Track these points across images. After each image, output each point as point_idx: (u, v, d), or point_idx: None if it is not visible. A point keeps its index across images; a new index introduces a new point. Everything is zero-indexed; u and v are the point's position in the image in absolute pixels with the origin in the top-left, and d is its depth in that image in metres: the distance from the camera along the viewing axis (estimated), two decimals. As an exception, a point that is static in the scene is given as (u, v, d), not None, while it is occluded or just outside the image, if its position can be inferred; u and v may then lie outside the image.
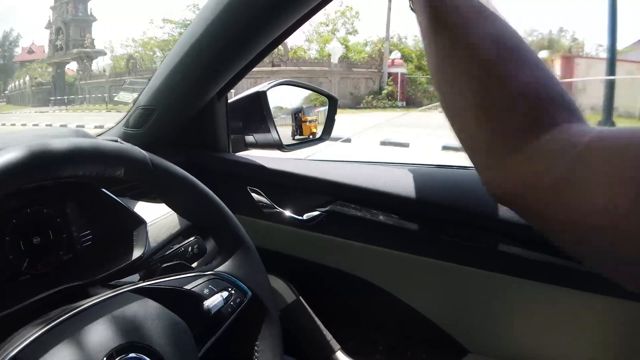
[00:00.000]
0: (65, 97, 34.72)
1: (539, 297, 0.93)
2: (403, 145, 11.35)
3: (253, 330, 0.79)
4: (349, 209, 1.09)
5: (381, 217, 1.06)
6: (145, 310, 0.65)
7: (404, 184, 1.03)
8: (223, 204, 0.82)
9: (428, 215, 1.02)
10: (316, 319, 1.16)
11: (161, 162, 0.74)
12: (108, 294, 0.66)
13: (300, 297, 1.18)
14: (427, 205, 1.00)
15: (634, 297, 0.83)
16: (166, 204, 0.78)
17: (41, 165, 0.60)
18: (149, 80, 1.17)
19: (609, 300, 0.86)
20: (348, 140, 10.90)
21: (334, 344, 1.13)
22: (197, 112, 1.17)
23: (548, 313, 0.95)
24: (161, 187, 0.75)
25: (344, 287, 1.16)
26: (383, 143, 11.54)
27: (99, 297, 0.65)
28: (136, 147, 0.72)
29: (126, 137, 1.20)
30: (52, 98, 35.01)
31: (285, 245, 1.20)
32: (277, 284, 1.18)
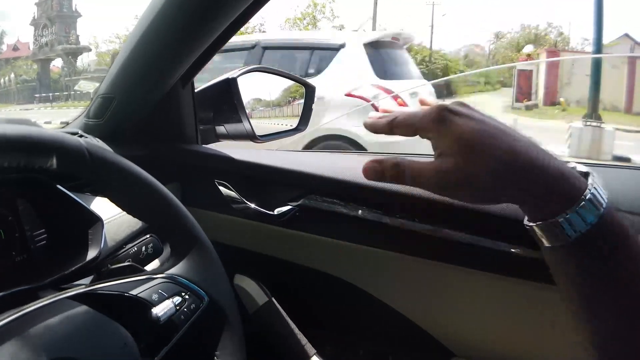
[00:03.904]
0: (50, 94, 34.60)
1: (528, 297, 0.88)
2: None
3: (211, 340, 0.72)
4: (323, 202, 1.02)
5: (359, 212, 0.99)
6: (80, 319, 0.58)
7: None
8: (175, 198, 0.74)
9: (408, 209, 0.95)
10: (290, 321, 1.09)
11: (100, 151, 0.66)
12: (42, 301, 0.59)
13: (273, 299, 1.11)
14: (407, 197, 0.92)
15: None
16: (108, 199, 0.70)
17: None
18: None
19: None
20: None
21: (310, 348, 1.07)
22: (159, 100, 1.10)
23: (537, 313, 0.89)
24: (100, 179, 0.67)
25: (320, 287, 1.10)
26: (369, 137, 11.57)
27: (30, 306, 0.57)
28: (71, 136, 0.64)
29: (87, 129, 1.14)
30: (37, 95, 34.88)
31: (256, 243, 1.14)
32: (248, 284, 1.12)
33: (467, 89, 29.34)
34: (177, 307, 0.66)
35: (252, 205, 1.07)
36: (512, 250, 0.86)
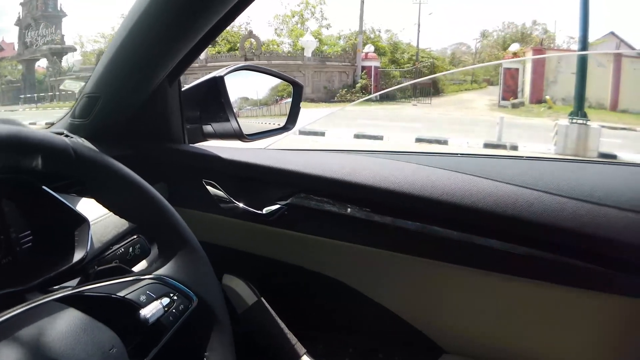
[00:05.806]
0: (35, 94, 34.08)
1: (517, 293, 0.88)
2: (377, 137, 11.40)
3: (201, 341, 0.70)
4: (312, 201, 1.01)
5: (347, 210, 0.99)
6: (68, 322, 0.57)
7: (370, 173, 0.96)
8: (162, 199, 0.72)
9: (397, 207, 0.94)
10: (279, 321, 1.08)
11: (86, 151, 0.64)
12: (29, 304, 0.57)
13: (262, 298, 1.10)
14: (396, 195, 0.92)
15: (619, 292, 0.80)
16: (95, 199, 0.69)
17: None
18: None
19: (592, 295, 0.82)
20: (322, 134, 10.95)
21: (299, 348, 1.05)
22: (146, 99, 1.08)
23: (526, 309, 0.89)
24: (86, 179, 0.66)
25: (309, 286, 1.09)
26: (357, 136, 11.59)
27: (17, 309, 0.56)
28: (57, 135, 0.63)
29: (72, 129, 1.12)
30: (22, 96, 34.37)
31: (245, 242, 1.12)
32: (237, 284, 1.10)
33: (454, 87, 29.40)
34: (166, 308, 0.65)
35: (241, 205, 1.06)
36: (502, 247, 0.86)
